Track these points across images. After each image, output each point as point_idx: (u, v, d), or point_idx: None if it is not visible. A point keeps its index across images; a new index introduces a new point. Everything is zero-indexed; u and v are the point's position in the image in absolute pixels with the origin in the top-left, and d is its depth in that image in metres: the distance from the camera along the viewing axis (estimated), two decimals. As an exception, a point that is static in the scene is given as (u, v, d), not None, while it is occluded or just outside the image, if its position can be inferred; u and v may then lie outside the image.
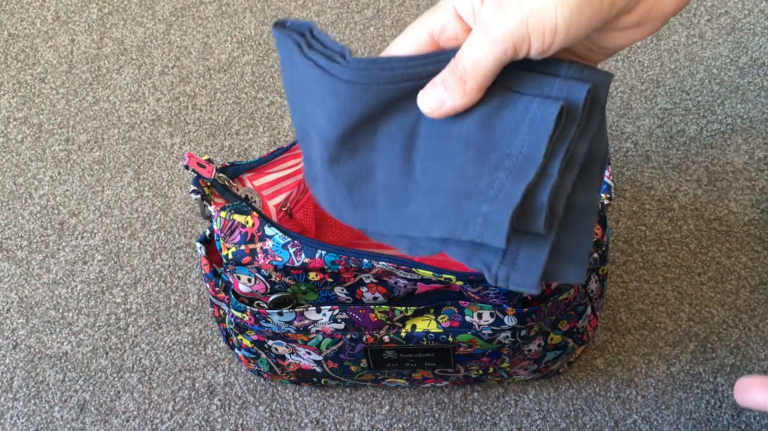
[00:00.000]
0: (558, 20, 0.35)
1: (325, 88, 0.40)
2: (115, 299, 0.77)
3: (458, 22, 0.39)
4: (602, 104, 0.39)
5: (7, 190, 0.84)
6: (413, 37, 0.40)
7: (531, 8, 0.35)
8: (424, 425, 0.71)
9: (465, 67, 0.37)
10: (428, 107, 0.39)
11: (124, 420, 0.72)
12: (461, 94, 0.38)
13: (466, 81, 0.37)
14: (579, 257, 0.39)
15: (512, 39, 0.36)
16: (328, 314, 0.58)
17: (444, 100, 0.38)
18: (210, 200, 0.55)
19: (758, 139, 0.82)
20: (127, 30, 0.93)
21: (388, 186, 0.42)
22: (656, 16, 0.38)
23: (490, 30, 0.36)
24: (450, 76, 0.38)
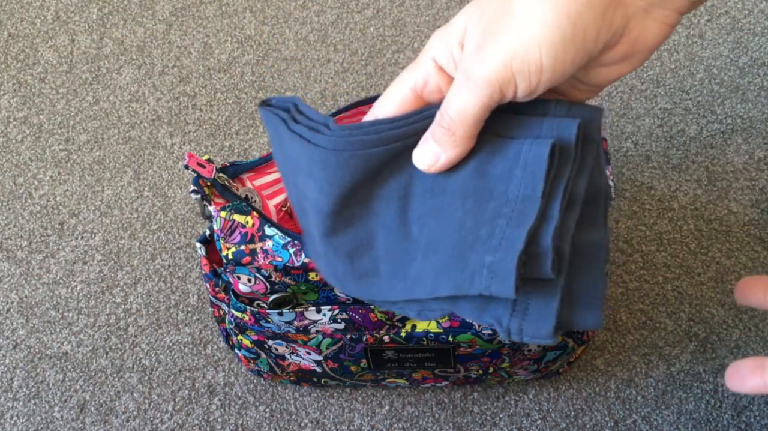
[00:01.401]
0: (543, 60, 0.34)
1: (312, 160, 0.40)
2: (115, 299, 0.77)
3: (439, 74, 0.38)
4: (596, 140, 0.38)
5: (7, 190, 0.84)
6: (396, 95, 0.40)
7: (513, 49, 0.34)
8: (424, 425, 0.71)
9: (452, 117, 0.36)
10: (425, 164, 0.38)
11: (124, 420, 0.72)
12: (453, 145, 0.37)
13: (455, 131, 0.37)
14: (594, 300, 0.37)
15: (497, 82, 0.35)
16: (328, 314, 0.58)
17: (438, 155, 0.38)
18: (210, 200, 0.55)
19: (758, 139, 0.82)
20: (127, 30, 0.93)
21: (388, 251, 0.42)
22: (641, 49, 0.37)
23: (472, 75, 0.35)
24: (438, 129, 0.37)
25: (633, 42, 0.37)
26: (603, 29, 0.35)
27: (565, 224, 0.36)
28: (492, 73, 0.34)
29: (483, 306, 0.38)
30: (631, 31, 0.36)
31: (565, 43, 0.34)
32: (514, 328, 0.37)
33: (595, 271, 0.37)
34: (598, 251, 0.37)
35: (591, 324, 0.37)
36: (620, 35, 0.36)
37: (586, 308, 0.37)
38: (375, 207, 0.41)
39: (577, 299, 0.37)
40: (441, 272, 0.38)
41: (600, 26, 0.34)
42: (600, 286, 0.37)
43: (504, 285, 0.35)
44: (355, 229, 0.42)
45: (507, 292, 0.35)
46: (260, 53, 0.90)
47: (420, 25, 0.91)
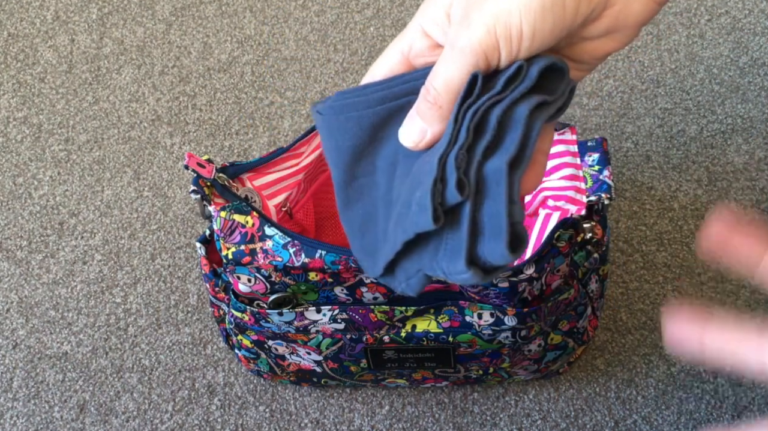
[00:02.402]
0: (523, 26, 0.35)
1: (323, 131, 0.41)
2: (115, 299, 0.77)
3: (424, 38, 0.39)
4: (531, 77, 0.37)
5: (7, 190, 0.84)
6: (386, 59, 0.41)
7: (496, 15, 0.34)
8: (424, 425, 0.71)
9: (437, 89, 0.36)
10: (411, 141, 0.38)
11: (123, 420, 0.72)
12: (439, 118, 0.37)
13: (442, 104, 0.37)
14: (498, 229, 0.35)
15: (482, 49, 0.35)
16: (328, 315, 0.58)
17: (424, 131, 0.38)
18: (210, 200, 0.55)
19: (758, 139, 0.82)
20: (127, 30, 0.93)
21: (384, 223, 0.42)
22: (626, 23, 0.37)
23: (457, 44, 0.35)
24: (424, 104, 0.37)
25: (616, 16, 0.37)
26: (582, 1, 0.35)
27: (472, 148, 0.36)
28: (476, 39, 0.35)
29: (433, 254, 0.37)
30: (614, 3, 0.37)
31: (544, 11, 0.34)
32: (443, 267, 0.36)
33: (497, 197, 0.36)
34: (500, 176, 0.35)
35: (498, 255, 0.35)
36: (602, 8, 0.36)
37: (492, 239, 0.35)
38: (377, 179, 0.42)
39: (483, 229, 0.36)
40: (397, 224, 0.38)
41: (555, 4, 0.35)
42: (503, 212, 0.35)
43: (425, 216, 0.35)
44: (363, 202, 0.42)
45: (427, 222, 0.35)
46: (260, 53, 0.90)
47: (420, 25, 0.91)
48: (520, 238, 0.35)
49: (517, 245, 0.35)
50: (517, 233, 0.35)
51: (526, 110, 0.36)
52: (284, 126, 0.86)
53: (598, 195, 0.56)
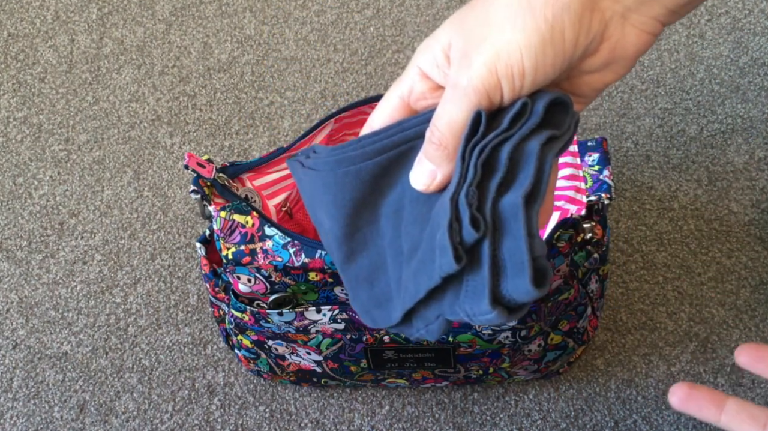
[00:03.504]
0: (525, 62, 0.34)
1: (316, 186, 0.41)
2: (115, 299, 0.77)
3: (423, 80, 0.39)
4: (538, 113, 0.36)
5: (7, 190, 0.84)
6: (387, 105, 0.41)
7: (496, 54, 0.34)
8: (424, 425, 0.71)
9: (441, 130, 0.36)
10: (422, 184, 0.38)
11: (123, 420, 0.72)
12: (446, 159, 0.37)
13: (447, 145, 0.37)
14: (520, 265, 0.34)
15: (484, 89, 0.35)
16: (328, 315, 0.58)
17: (434, 173, 0.38)
18: (210, 200, 0.55)
19: (758, 139, 0.82)
20: (127, 30, 0.93)
21: (394, 270, 0.41)
22: (622, 55, 0.37)
23: (459, 84, 0.35)
24: (430, 146, 0.37)
25: (613, 48, 0.37)
26: (581, 33, 0.35)
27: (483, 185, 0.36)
28: (478, 79, 0.35)
29: (453, 298, 0.37)
30: (610, 36, 0.37)
31: (545, 45, 0.34)
32: (464, 310, 0.36)
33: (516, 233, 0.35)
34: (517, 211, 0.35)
35: (523, 292, 0.34)
36: (599, 41, 0.36)
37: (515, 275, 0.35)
38: (381, 227, 0.41)
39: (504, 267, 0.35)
40: (418, 272, 0.38)
41: (578, 30, 0.35)
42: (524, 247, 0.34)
43: (447, 257, 0.34)
44: (369, 252, 0.42)
45: (450, 264, 0.34)
46: (260, 53, 0.90)
47: (420, 25, 0.91)
48: (543, 272, 0.35)
49: (541, 280, 0.35)
50: (540, 267, 0.35)
51: (538, 144, 0.36)
52: (284, 126, 0.86)
53: (598, 195, 0.56)
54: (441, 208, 0.37)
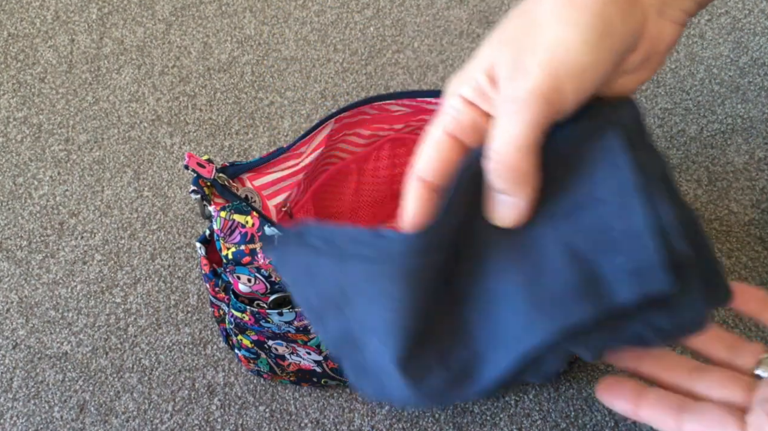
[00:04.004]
0: (584, 58, 0.32)
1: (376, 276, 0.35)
2: (115, 299, 0.77)
3: (469, 108, 0.35)
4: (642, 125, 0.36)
5: (7, 190, 0.84)
6: (432, 145, 0.36)
7: (553, 55, 0.32)
8: (424, 425, 0.71)
9: (506, 154, 0.32)
10: (510, 220, 0.34)
11: (123, 420, 0.72)
12: (524, 183, 0.33)
13: (519, 167, 0.33)
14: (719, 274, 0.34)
15: (544, 95, 0.32)
16: (328, 315, 0.58)
17: (515, 204, 0.34)
18: (210, 200, 0.55)
19: (758, 139, 0.82)
20: (127, 30, 0.93)
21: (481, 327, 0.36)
22: (657, 51, 0.36)
23: (517, 96, 0.32)
24: (497, 178, 0.33)
25: (651, 43, 0.36)
26: (627, 27, 0.34)
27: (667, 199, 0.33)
28: (537, 85, 0.32)
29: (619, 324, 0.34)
30: (649, 31, 0.35)
31: (601, 40, 0.32)
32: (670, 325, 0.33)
33: (707, 247, 0.34)
34: (699, 228, 0.34)
35: (724, 297, 0.34)
36: (639, 36, 0.35)
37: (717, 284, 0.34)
38: (460, 293, 0.36)
39: (706, 277, 0.34)
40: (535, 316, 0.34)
41: (625, 22, 0.33)
42: (715, 257, 0.34)
43: (657, 279, 0.31)
44: (446, 330, 0.37)
45: (663, 283, 0.31)
46: (260, 53, 0.90)
47: (420, 25, 0.91)
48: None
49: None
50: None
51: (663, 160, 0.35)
52: (284, 126, 0.86)
53: None
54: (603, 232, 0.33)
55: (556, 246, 0.34)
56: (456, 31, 0.90)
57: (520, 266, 0.35)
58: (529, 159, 0.33)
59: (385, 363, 0.37)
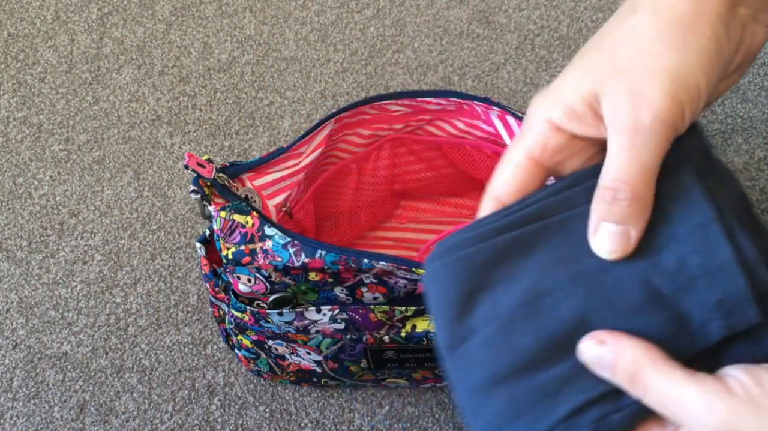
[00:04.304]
0: (701, 82, 0.32)
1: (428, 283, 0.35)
2: (115, 299, 0.77)
3: (558, 134, 0.35)
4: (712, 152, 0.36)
5: (6, 190, 0.84)
6: (513, 167, 0.36)
7: (672, 78, 0.32)
8: (425, 425, 0.71)
9: (633, 182, 0.32)
10: (618, 251, 0.33)
11: (123, 420, 0.72)
12: (642, 212, 0.33)
13: (643, 196, 0.33)
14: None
15: (672, 119, 0.32)
16: (328, 315, 0.58)
17: (626, 233, 0.33)
18: (210, 200, 0.55)
19: (759, 139, 0.82)
20: (127, 30, 0.93)
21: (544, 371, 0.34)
22: (749, 57, 0.37)
23: (641, 124, 0.32)
24: (616, 204, 0.33)
25: (747, 50, 0.36)
26: (732, 43, 0.34)
27: (745, 229, 0.33)
28: (665, 112, 0.32)
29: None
30: (746, 39, 0.36)
31: (713, 62, 0.33)
32: (752, 357, 0.32)
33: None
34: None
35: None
36: (739, 46, 0.35)
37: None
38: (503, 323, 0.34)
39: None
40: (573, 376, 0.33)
41: (730, 40, 0.34)
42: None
43: (745, 311, 0.31)
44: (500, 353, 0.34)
45: (752, 316, 0.31)
46: (260, 53, 0.90)
47: (420, 25, 0.91)
48: None
49: None
50: None
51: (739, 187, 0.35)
52: (284, 126, 0.86)
53: None
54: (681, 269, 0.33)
55: (634, 284, 0.33)
56: (456, 31, 0.90)
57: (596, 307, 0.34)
58: (653, 188, 0.33)
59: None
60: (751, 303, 0.31)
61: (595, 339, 0.32)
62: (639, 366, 0.31)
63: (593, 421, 0.32)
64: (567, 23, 0.90)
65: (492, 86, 0.87)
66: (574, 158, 0.36)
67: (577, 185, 0.35)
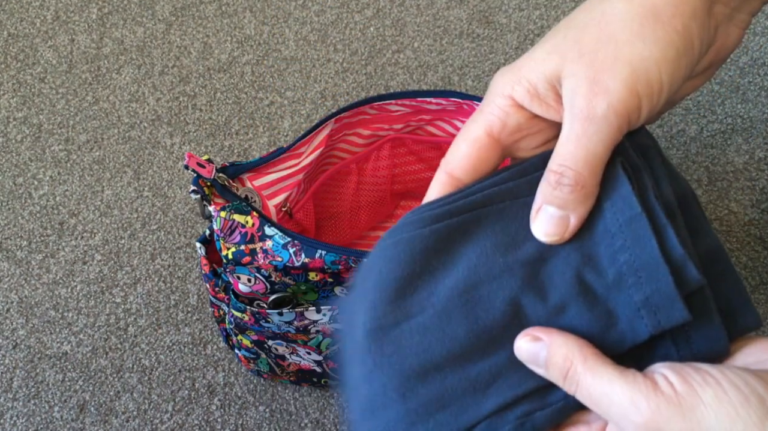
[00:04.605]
0: (663, 77, 0.32)
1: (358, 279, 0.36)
2: (115, 299, 0.77)
3: (519, 112, 0.35)
4: (652, 145, 0.35)
5: (7, 190, 0.84)
6: (470, 144, 0.35)
7: (633, 71, 0.32)
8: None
9: (578, 169, 0.32)
10: (554, 235, 0.33)
11: (123, 420, 0.72)
12: (583, 199, 0.33)
13: (586, 183, 0.33)
14: (745, 300, 0.34)
15: (626, 111, 0.32)
16: (328, 315, 0.58)
17: (565, 219, 0.33)
18: (210, 200, 0.55)
19: (758, 139, 0.82)
20: (127, 30, 0.93)
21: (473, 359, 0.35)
22: (720, 57, 0.36)
23: (597, 113, 0.32)
24: (559, 189, 0.33)
25: (717, 51, 0.36)
26: (704, 42, 0.33)
27: (679, 230, 0.33)
28: (620, 103, 0.32)
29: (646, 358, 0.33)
30: (718, 39, 0.35)
31: (679, 58, 0.32)
32: (690, 355, 0.33)
33: (731, 274, 0.34)
34: (721, 254, 0.33)
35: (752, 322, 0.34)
36: (710, 46, 0.35)
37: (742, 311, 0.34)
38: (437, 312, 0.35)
39: (730, 304, 0.33)
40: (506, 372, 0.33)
41: (701, 38, 0.33)
42: (742, 284, 0.34)
43: (672, 310, 0.31)
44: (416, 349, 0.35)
45: (679, 315, 0.31)
46: (260, 53, 0.90)
47: (420, 25, 0.91)
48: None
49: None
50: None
51: (685, 184, 0.34)
52: (284, 126, 0.86)
53: None
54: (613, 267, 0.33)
55: (567, 279, 0.33)
56: (456, 31, 0.90)
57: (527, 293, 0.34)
58: (598, 177, 0.33)
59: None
60: (677, 301, 0.31)
61: (530, 335, 0.33)
62: (570, 363, 0.31)
63: (518, 417, 0.32)
64: (567, 23, 0.90)
65: (492, 86, 0.87)
66: (532, 138, 0.36)
67: (522, 177, 0.35)
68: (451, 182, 0.36)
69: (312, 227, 0.66)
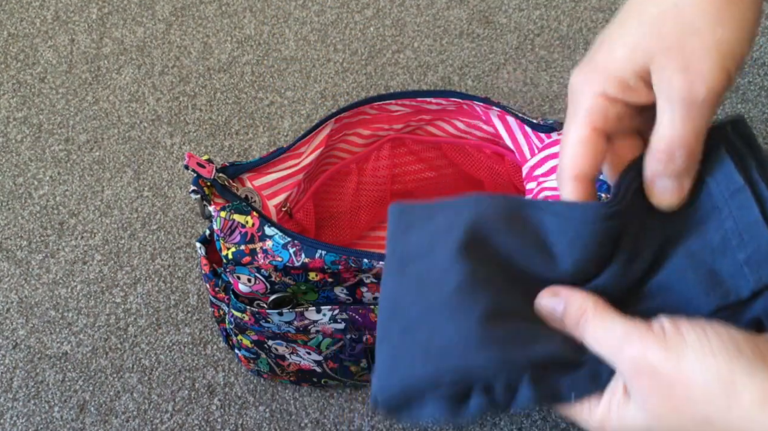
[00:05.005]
0: (744, 51, 0.36)
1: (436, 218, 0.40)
2: (115, 299, 0.77)
3: (616, 105, 0.38)
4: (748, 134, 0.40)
5: (7, 190, 0.84)
6: (583, 144, 0.38)
7: (722, 54, 0.35)
8: (425, 425, 0.71)
9: (691, 143, 0.36)
10: (676, 199, 0.38)
11: (123, 420, 0.72)
12: (693, 170, 0.37)
13: (697, 153, 0.37)
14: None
15: (722, 89, 0.36)
16: (328, 315, 0.58)
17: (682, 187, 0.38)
18: (210, 200, 0.55)
19: (759, 139, 0.82)
20: (127, 30, 0.93)
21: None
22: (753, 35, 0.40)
23: (696, 96, 0.35)
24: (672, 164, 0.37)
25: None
26: (757, 15, 0.37)
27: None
28: (719, 83, 0.35)
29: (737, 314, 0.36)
30: None
31: (753, 30, 0.36)
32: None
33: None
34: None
35: None
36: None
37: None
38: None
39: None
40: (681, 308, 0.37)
41: (755, 12, 0.36)
42: None
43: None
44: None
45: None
46: (260, 53, 0.90)
47: (420, 25, 0.91)
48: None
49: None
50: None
51: None
52: (284, 126, 0.86)
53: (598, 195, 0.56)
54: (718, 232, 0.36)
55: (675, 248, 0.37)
56: (456, 31, 0.90)
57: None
58: (702, 144, 0.37)
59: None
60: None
61: (551, 292, 0.38)
62: (582, 311, 0.36)
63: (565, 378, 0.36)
64: (567, 23, 0.90)
65: (492, 86, 0.87)
66: (625, 121, 0.39)
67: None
68: (582, 182, 0.39)
69: (312, 227, 0.66)
